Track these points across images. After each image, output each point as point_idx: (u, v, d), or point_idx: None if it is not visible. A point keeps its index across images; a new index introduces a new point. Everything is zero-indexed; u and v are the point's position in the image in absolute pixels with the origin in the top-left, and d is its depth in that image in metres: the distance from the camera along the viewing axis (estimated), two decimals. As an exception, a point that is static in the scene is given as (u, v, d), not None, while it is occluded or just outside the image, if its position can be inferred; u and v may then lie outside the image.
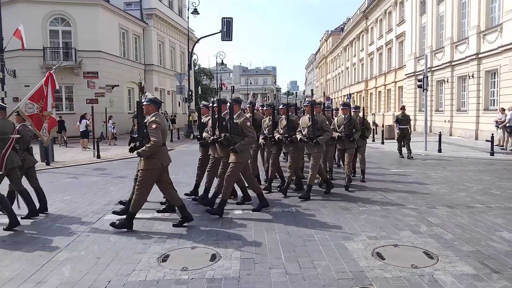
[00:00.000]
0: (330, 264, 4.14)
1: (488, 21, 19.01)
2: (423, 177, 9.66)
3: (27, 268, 4.16)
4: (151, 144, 5.20)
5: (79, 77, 23.25)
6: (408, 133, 13.27)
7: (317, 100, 9.93)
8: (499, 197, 7.34)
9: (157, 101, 5.69)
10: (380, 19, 37.06)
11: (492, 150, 13.36)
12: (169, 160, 5.64)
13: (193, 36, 36.72)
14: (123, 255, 4.48)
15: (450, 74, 22.56)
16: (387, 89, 35.87)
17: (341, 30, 58.82)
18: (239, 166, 6.17)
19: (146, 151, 5.23)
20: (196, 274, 3.95)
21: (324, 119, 7.43)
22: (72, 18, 24.51)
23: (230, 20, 23.37)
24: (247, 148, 6.28)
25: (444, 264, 4.09)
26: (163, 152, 5.49)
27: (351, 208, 6.55)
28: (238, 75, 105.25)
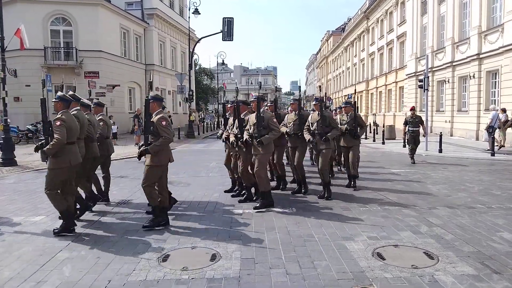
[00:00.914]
0: (331, 264, 4.14)
1: (489, 22, 19.00)
2: (424, 177, 9.65)
3: (27, 267, 4.17)
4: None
5: (80, 77, 23.32)
6: (418, 136, 12.28)
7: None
8: (500, 197, 7.33)
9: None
10: (381, 19, 37.05)
11: (492, 151, 13.34)
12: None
13: (194, 36, 36.76)
14: (124, 255, 4.48)
15: (451, 75, 22.54)
16: (388, 89, 35.86)
17: (342, 30, 58.80)
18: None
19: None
20: (196, 274, 3.94)
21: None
22: (73, 18, 24.54)
23: (231, 20, 23.39)
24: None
25: (444, 265, 4.08)
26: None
27: (351, 208, 6.54)
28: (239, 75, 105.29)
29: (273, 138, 6.55)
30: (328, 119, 7.21)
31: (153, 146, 5.38)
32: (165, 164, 5.63)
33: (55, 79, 21.86)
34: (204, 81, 58.69)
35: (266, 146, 6.42)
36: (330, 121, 7.27)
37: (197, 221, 5.82)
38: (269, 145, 6.53)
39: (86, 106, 6.55)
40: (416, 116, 12.33)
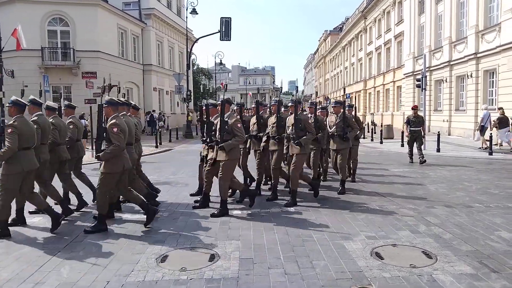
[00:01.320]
0: (329, 264, 4.14)
1: (486, 21, 19.05)
2: (422, 176, 9.66)
3: (26, 268, 4.15)
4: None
5: (78, 77, 23.21)
6: (421, 135, 11.91)
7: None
8: (497, 196, 7.35)
9: None
10: (378, 19, 37.09)
11: (490, 150, 13.38)
12: None
13: (192, 36, 36.68)
14: (122, 256, 4.48)
15: (449, 74, 22.58)
16: (385, 89, 35.89)
17: (340, 30, 58.83)
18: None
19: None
20: (195, 274, 3.94)
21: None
22: (70, 18, 24.46)
23: (228, 20, 23.34)
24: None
25: (443, 264, 4.09)
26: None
27: (350, 208, 6.55)
28: (236, 75, 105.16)
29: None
30: (303, 122, 6.84)
31: (105, 154, 5.26)
32: (118, 171, 5.41)
33: (53, 79, 21.83)
34: (202, 81, 58.63)
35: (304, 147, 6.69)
36: (305, 124, 6.84)
37: (196, 222, 5.81)
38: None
39: (52, 109, 6.48)
40: (418, 116, 11.93)
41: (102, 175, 5.36)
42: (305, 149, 6.83)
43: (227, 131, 6.04)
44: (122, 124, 5.38)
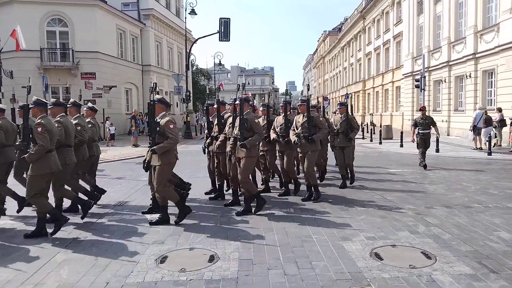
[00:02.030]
0: (329, 264, 4.15)
1: (485, 21, 19.09)
2: (421, 177, 9.67)
3: (25, 270, 4.14)
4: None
5: (77, 78, 23.22)
6: (429, 138, 11.10)
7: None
8: (497, 197, 7.35)
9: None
10: (377, 19, 37.14)
11: (489, 150, 13.40)
12: None
13: (191, 36, 36.66)
14: (122, 257, 4.47)
15: (448, 74, 22.62)
16: (384, 89, 35.95)
17: (339, 30, 58.89)
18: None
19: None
20: (194, 275, 3.94)
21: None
22: (69, 19, 24.45)
23: (227, 21, 23.35)
24: None
25: (442, 264, 4.10)
26: None
27: (349, 208, 6.55)
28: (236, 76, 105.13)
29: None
30: (291, 121, 7.41)
31: (29, 155, 5.17)
32: (46, 173, 5.29)
33: (52, 80, 21.81)
34: (201, 82, 58.58)
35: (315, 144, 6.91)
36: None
37: (195, 222, 5.81)
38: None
39: None
40: (427, 117, 11.25)
41: (29, 178, 5.22)
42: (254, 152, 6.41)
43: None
44: (48, 125, 5.28)
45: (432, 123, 11.07)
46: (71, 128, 5.97)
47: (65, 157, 5.72)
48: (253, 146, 6.20)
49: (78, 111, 6.69)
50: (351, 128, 8.40)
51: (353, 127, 8.40)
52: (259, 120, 7.24)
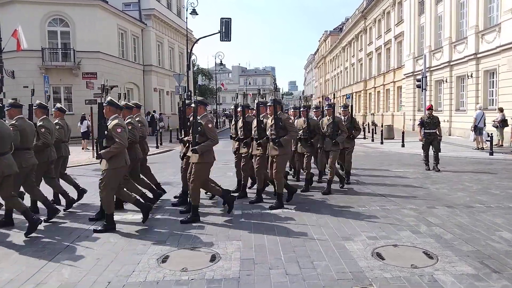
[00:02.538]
0: (330, 264, 4.14)
1: (486, 21, 19.05)
2: (423, 177, 9.66)
3: (26, 269, 4.15)
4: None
5: (78, 78, 23.25)
6: (437, 138, 10.70)
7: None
8: (498, 196, 7.34)
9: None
10: (378, 19, 37.10)
11: (491, 150, 13.37)
12: None
13: (192, 36, 36.67)
14: (123, 256, 4.48)
15: (449, 74, 22.58)
16: (386, 89, 35.91)
17: (340, 30, 58.86)
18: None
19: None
20: (196, 275, 3.94)
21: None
22: (70, 19, 24.47)
23: (228, 21, 23.32)
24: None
25: (444, 264, 4.09)
26: None
27: (350, 208, 6.55)
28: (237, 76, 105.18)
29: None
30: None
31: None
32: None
33: (53, 80, 21.83)
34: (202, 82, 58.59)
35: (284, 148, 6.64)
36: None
37: (197, 222, 5.81)
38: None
39: None
40: (434, 117, 10.81)
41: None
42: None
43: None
44: None
45: (438, 123, 10.75)
46: (29, 131, 5.83)
47: (21, 160, 5.58)
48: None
49: (45, 113, 6.52)
50: (352, 130, 8.58)
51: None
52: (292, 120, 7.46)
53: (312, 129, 8.10)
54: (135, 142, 6.63)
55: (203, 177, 5.89)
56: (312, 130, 8.10)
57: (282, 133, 6.47)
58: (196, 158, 5.72)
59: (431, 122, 10.64)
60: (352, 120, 8.84)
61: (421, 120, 11.00)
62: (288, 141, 6.66)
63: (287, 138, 6.52)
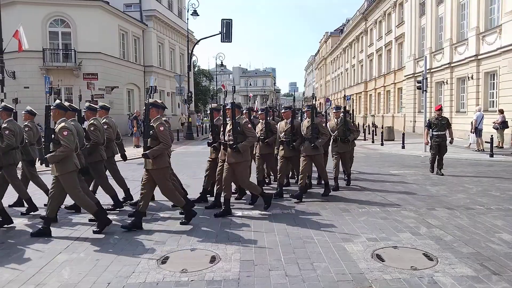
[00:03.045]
0: (330, 266, 4.14)
1: (487, 23, 19.05)
2: (423, 178, 9.66)
3: (26, 270, 4.16)
4: None
5: (79, 79, 23.29)
6: (445, 141, 10.06)
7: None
8: (498, 198, 7.34)
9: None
10: (379, 21, 37.12)
11: (491, 152, 13.36)
12: None
13: (193, 37, 36.74)
14: (123, 257, 4.48)
15: (450, 76, 22.59)
16: (386, 91, 35.92)
17: (341, 31, 58.91)
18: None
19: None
20: (196, 276, 3.94)
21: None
22: (71, 20, 24.53)
23: (229, 22, 23.37)
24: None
25: (443, 266, 4.09)
26: None
27: (350, 209, 6.55)
28: (237, 77, 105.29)
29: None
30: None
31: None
32: None
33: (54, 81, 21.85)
34: (203, 83, 58.66)
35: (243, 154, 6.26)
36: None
37: (196, 223, 5.81)
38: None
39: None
40: (443, 118, 10.11)
41: None
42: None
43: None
44: None
45: (448, 124, 10.10)
46: None
47: None
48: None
49: (10, 115, 6.44)
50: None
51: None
52: None
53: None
54: (111, 140, 6.95)
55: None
56: (296, 133, 7.51)
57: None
58: (150, 164, 5.52)
59: (440, 123, 9.96)
60: (345, 122, 8.34)
61: (428, 121, 10.35)
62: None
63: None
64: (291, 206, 6.82)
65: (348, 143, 8.46)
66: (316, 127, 7.26)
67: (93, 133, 6.43)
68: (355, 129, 9.24)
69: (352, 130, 8.59)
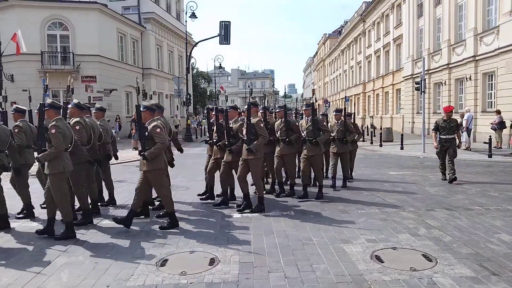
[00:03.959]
0: (329, 267, 4.14)
1: (485, 24, 19.11)
2: (422, 179, 9.66)
3: (25, 273, 4.14)
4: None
5: (77, 81, 23.23)
6: (454, 144, 9.20)
7: None
8: (497, 199, 7.35)
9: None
10: (377, 22, 37.20)
11: (490, 152, 13.38)
12: None
13: (191, 39, 36.74)
14: (122, 260, 4.47)
15: (448, 77, 22.64)
16: (385, 92, 35.97)
17: (339, 33, 59.00)
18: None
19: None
20: (195, 278, 3.93)
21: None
22: (70, 23, 24.51)
23: (228, 24, 23.40)
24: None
25: (443, 267, 4.09)
26: None
27: (349, 211, 6.55)
28: (236, 79, 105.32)
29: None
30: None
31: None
32: None
33: (53, 83, 21.83)
34: (201, 85, 58.67)
35: None
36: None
37: (195, 225, 5.81)
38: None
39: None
40: (452, 120, 9.20)
41: None
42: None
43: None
44: None
45: (457, 127, 9.25)
46: None
47: None
48: None
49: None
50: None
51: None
52: None
53: None
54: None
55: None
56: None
57: None
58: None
59: (448, 126, 9.09)
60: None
61: (436, 124, 9.45)
62: None
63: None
64: (290, 207, 6.81)
65: (346, 144, 8.49)
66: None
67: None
68: (357, 131, 9.31)
69: (351, 131, 8.62)
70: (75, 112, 6.31)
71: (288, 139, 7.41)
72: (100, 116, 7.33)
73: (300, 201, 7.27)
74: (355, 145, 9.40)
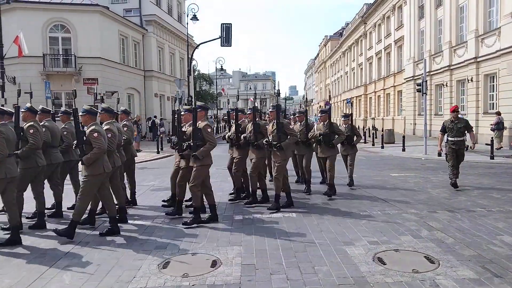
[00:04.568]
0: (331, 269, 4.13)
1: (486, 25, 19.11)
2: (424, 181, 9.65)
3: (27, 275, 4.15)
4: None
5: (79, 84, 23.28)
6: (463, 148, 8.60)
7: None
8: (499, 200, 7.33)
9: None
10: (378, 24, 37.21)
11: (492, 154, 13.36)
12: None
13: (193, 42, 36.80)
14: (124, 262, 4.47)
15: (449, 78, 22.63)
16: (386, 94, 35.95)
17: (340, 35, 59.06)
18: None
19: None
20: (197, 280, 3.93)
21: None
22: (71, 25, 24.57)
23: (229, 26, 23.40)
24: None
25: (445, 269, 4.08)
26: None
27: (351, 213, 6.54)
28: (237, 81, 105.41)
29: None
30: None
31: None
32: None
33: (54, 86, 21.91)
34: (203, 87, 58.72)
35: None
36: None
37: (197, 228, 5.81)
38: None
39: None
40: (460, 121, 8.58)
41: None
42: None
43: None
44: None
45: (467, 127, 8.55)
46: None
47: None
48: None
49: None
50: None
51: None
52: None
53: None
54: None
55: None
56: None
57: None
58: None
59: (455, 127, 8.50)
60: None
61: (443, 125, 8.86)
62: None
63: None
64: (292, 210, 6.81)
65: (334, 148, 7.95)
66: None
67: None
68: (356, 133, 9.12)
69: (339, 134, 8.07)
70: (28, 116, 6.08)
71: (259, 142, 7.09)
72: (65, 120, 7.13)
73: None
74: (354, 149, 9.09)
